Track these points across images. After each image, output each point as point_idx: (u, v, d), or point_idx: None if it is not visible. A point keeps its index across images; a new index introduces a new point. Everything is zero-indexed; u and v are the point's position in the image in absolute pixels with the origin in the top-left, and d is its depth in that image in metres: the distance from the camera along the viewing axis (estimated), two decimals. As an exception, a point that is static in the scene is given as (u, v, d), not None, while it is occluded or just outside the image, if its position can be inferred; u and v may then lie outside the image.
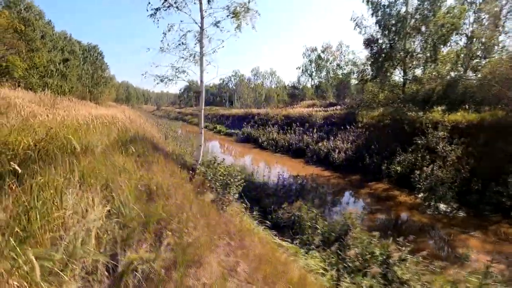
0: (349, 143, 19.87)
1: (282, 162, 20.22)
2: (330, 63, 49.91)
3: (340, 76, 42.88)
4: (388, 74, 17.64)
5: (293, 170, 17.07)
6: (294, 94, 48.90)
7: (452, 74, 16.96)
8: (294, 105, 42.63)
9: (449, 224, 10.18)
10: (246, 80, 73.74)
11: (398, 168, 15.49)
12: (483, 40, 21.56)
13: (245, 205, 7.41)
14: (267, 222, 7.65)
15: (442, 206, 11.80)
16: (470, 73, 20.77)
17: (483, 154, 13.77)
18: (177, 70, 7.57)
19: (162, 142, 11.10)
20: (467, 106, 16.10)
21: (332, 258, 5.92)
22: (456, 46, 21.67)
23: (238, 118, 41.22)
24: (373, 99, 19.10)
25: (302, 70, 53.58)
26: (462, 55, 18.83)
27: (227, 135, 36.56)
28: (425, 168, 14.46)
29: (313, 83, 52.08)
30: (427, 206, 11.96)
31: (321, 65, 50.75)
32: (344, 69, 44.73)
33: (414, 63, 16.91)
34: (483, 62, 20.93)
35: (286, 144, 24.70)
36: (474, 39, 22.09)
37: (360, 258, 5.75)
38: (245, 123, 36.09)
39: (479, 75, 18.67)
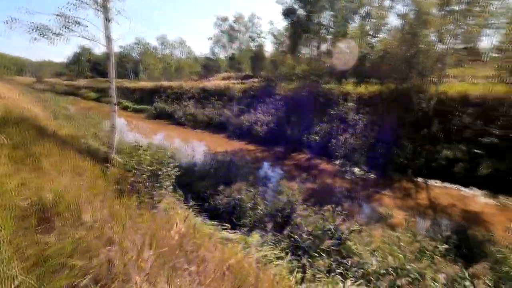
0: (270, 116, 20.05)
1: (204, 139, 19.01)
2: (243, 35, 49.09)
3: (253, 48, 42.75)
4: (306, 47, 18.07)
5: (218, 146, 16.20)
6: (208, 66, 46.58)
7: (361, 50, 18.51)
8: (209, 77, 40.74)
9: (365, 186, 11.34)
10: (152, 49, 66.14)
11: (317, 138, 16.45)
12: (374, 20, 24.35)
13: (178, 195, 6.24)
14: (205, 210, 6.73)
15: (356, 170, 13.12)
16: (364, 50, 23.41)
17: (383, 122, 15.80)
18: (67, 21, 5.22)
19: (53, 125, 8.39)
20: (372, 80, 17.97)
21: (284, 242, 5.51)
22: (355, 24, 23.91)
23: (148, 92, 36.86)
24: (291, 72, 19.47)
25: (214, 41, 51.25)
26: (362, 32, 20.73)
27: (136, 111, 32.28)
28: (339, 137, 15.80)
29: (226, 55, 50.65)
30: (344, 172, 13.10)
31: (234, 36, 49.45)
32: (257, 41, 44.81)
33: (328, 36, 17.74)
34: (373, 41, 23.78)
35: (206, 119, 23.36)
36: (368, 19, 24.72)
37: (312, 236, 5.52)
38: (156, 98, 32.53)
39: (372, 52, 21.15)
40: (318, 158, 15.06)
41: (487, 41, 20.25)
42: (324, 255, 4.89)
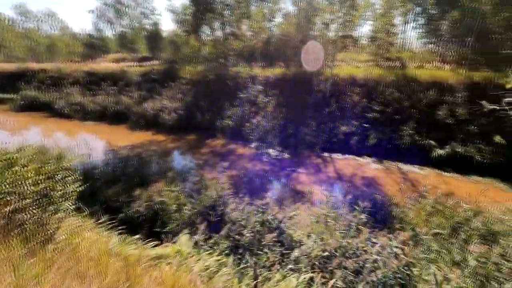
0: (178, 102, 18.57)
1: (101, 132, 16.11)
2: (133, 10, 43.26)
3: (148, 27, 38.35)
4: (211, 27, 17.13)
5: (120, 140, 13.97)
6: (94, 45, 39.47)
7: (264, 33, 18.80)
8: (96, 58, 34.75)
9: (283, 167, 11.80)
10: (6, 22, 51.17)
11: (230, 122, 16.19)
12: (271, 4, 25.30)
13: (83, 214, 4.83)
14: (121, 222, 5.53)
15: (272, 152, 13.57)
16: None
17: (290, 103, 16.79)
18: None
19: None
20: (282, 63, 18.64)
21: (223, 243, 5.04)
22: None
23: (9, 76, 28.67)
24: (197, 54, 18.29)
25: (97, 15, 43.49)
26: (263, 15, 21.15)
27: (-8, 102, 24.68)
28: (252, 120, 15.99)
29: (115, 33, 43.89)
30: (261, 154, 13.36)
31: (122, 11, 43.06)
32: (151, 18, 40.39)
33: (232, 18, 17.25)
34: (271, 25, 24.82)
35: (99, 108, 19.85)
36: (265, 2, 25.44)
37: (252, 232, 5.23)
38: (22, 84, 25.68)
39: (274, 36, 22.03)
40: (234, 142, 14.91)
41: (363, 30, 23.84)
42: (268, 251, 4.67)
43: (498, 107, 5.55)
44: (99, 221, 5.00)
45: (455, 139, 12.23)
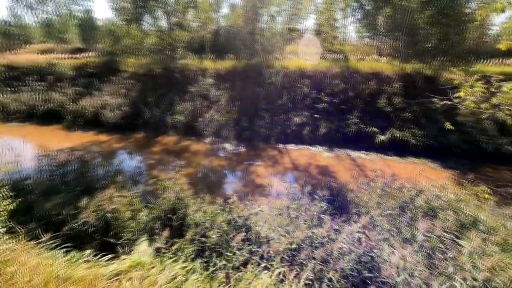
0: (122, 97, 17.08)
1: (29, 135, 14.00)
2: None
3: (79, 14, 34.27)
4: (153, 17, 15.95)
5: (55, 144, 12.33)
6: (11, 34, 33.89)
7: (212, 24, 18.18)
8: (16, 50, 30.03)
9: (240, 161, 11.74)
10: None
11: (181, 118, 15.47)
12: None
13: (19, 233, 4.07)
14: (67, 238, 4.87)
15: (227, 146, 13.39)
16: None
17: (242, 96, 16.67)
18: None
19: None
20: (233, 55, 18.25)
21: (188, 247, 4.78)
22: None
23: None
24: (140, 45, 16.95)
25: (14, -2, 37.38)
26: (210, 5, 20.46)
27: None
28: (205, 114, 15.52)
29: (38, 20, 38.33)
30: (217, 149, 13.09)
31: (45, -6, 37.67)
32: (82, 5, 36.17)
33: (177, 7, 16.28)
34: (218, 16, 24.24)
35: (25, 107, 17.26)
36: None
37: (218, 233, 5.06)
38: None
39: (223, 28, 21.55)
40: (187, 139, 14.31)
41: (309, 24, 24.70)
42: (236, 251, 4.56)
43: (449, 102, 6.18)
44: (39, 241, 4.32)
45: (394, 125, 13.50)
